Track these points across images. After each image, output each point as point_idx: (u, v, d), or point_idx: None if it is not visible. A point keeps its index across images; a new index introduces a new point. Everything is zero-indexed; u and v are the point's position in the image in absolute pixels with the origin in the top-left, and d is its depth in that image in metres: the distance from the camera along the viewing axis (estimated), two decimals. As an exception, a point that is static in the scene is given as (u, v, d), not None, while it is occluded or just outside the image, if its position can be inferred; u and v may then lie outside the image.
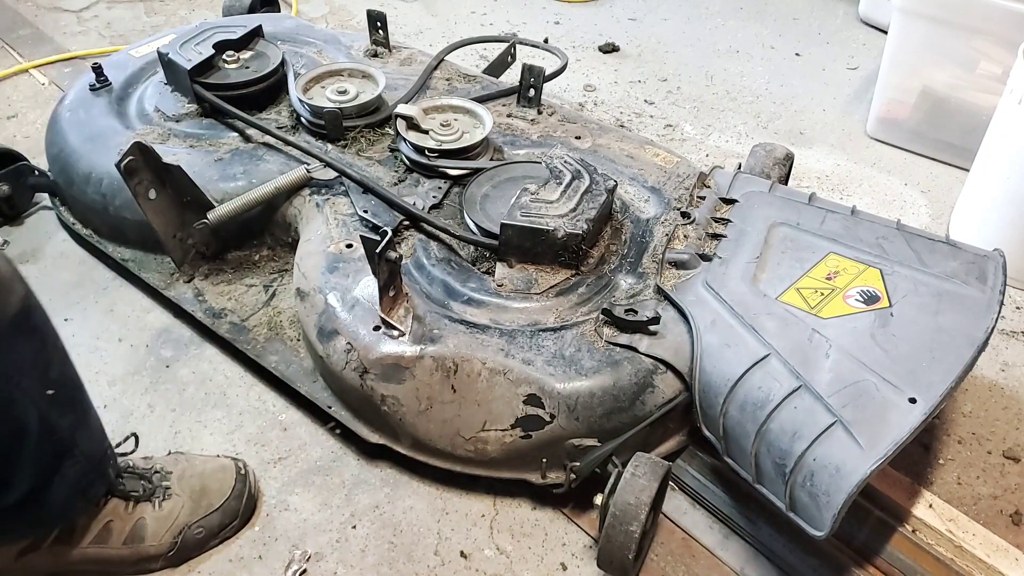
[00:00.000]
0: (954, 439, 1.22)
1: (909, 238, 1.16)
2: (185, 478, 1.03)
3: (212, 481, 1.05)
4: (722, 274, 1.12)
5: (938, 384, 0.93)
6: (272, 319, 1.28)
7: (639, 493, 0.95)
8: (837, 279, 1.09)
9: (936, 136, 1.83)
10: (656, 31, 2.39)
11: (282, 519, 1.09)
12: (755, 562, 1.04)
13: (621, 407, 1.04)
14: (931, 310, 1.04)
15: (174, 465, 1.05)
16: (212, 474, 1.05)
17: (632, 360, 1.05)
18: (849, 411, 0.91)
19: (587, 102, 2.03)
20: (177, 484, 1.03)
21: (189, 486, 1.03)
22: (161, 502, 1.00)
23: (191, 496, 1.02)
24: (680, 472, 1.12)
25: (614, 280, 1.17)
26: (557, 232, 1.13)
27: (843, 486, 0.86)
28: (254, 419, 1.21)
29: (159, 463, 1.05)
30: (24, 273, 0.84)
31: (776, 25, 2.44)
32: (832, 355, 0.98)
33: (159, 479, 1.02)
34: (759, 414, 0.96)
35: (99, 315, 1.38)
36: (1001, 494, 1.14)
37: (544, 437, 1.04)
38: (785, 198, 1.25)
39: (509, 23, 2.40)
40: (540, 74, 1.50)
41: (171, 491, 1.02)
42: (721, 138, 1.92)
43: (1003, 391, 1.30)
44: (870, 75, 2.08)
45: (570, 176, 1.21)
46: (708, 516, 1.09)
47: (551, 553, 1.06)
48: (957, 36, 1.67)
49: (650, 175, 1.36)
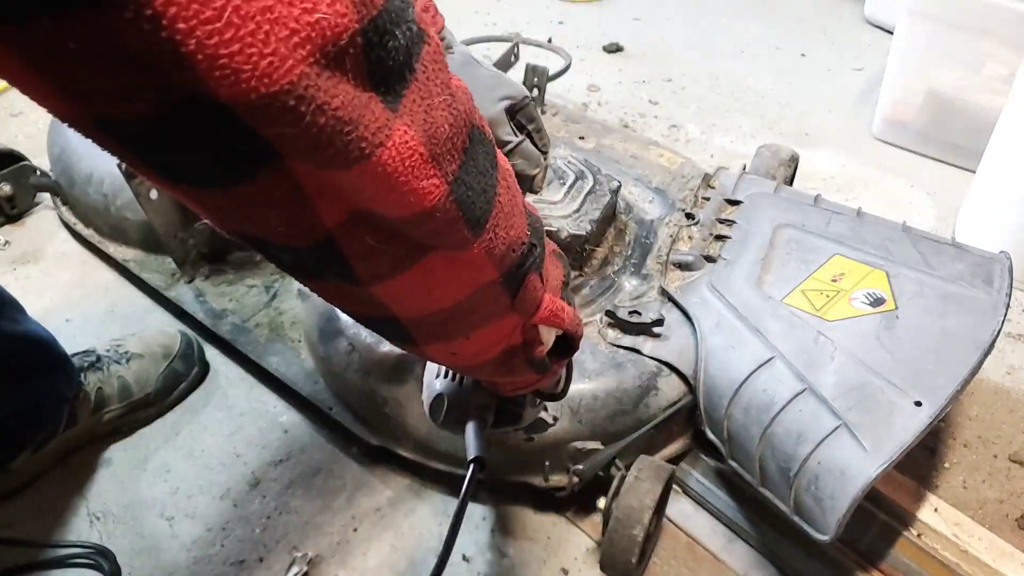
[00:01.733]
0: (960, 442, 1.21)
1: (915, 240, 1.15)
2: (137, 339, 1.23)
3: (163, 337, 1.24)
4: (727, 276, 1.11)
5: (944, 387, 0.92)
6: (273, 320, 1.27)
7: (642, 497, 0.94)
8: (843, 281, 1.08)
9: (942, 138, 1.82)
10: (661, 31, 2.38)
11: (283, 521, 1.08)
12: (759, 566, 1.03)
13: (624, 410, 1.03)
14: (937, 312, 1.03)
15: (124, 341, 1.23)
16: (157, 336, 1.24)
17: (636, 362, 1.05)
18: (854, 414, 0.90)
19: (591, 102, 2.02)
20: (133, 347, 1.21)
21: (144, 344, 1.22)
22: (128, 361, 1.19)
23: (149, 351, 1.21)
24: (684, 475, 1.11)
25: (618, 282, 1.16)
26: (560, 233, 1.12)
27: (848, 489, 0.85)
28: (255, 421, 1.21)
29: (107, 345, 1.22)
30: (25, 273, 0.83)
31: (781, 26, 2.43)
32: (837, 358, 0.97)
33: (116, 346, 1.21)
34: (764, 417, 0.95)
35: (100, 315, 1.37)
36: (1007, 498, 1.14)
37: (547, 440, 1.03)
38: (790, 199, 1.24)
39: (513, 23, 2.39)
40: (544, 74, 1.49)
41: (130, 352, 1.20)
42: (726, 139, 1.91)
43: (1009, 394, 1.30)
44: (876, 76, 2.07)
45: (574, 176, 1.21)
46: (712, 520, 1.08)
47: (553, 557, 1.05)
48: (964, 37, 1.66)
49: (654, 176, 1.35)
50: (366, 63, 0.39)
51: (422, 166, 0.44)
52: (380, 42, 0.39)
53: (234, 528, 1.07)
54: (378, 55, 0.39)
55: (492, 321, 0.59)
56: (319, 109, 0.36)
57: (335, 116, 0.37)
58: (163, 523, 1.08)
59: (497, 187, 0.52)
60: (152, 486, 1.12)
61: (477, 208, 0.50)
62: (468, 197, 0.48)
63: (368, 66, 0.39)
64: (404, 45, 0.41)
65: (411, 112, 0.42)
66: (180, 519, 1.08)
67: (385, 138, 0.41)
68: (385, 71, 0.40)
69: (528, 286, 0.59)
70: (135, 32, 0.30)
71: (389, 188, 0.43)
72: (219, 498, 1.11)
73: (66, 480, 1.12)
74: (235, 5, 0.32)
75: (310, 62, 0.35)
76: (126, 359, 1.19)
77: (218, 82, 0.33)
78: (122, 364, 1.18)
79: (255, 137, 0.36)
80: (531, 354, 0.66)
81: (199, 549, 1.05)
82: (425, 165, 0.44)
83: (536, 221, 0.60)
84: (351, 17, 0.37)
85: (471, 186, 0.49)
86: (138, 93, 0.33)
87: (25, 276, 1.43)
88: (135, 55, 0.31)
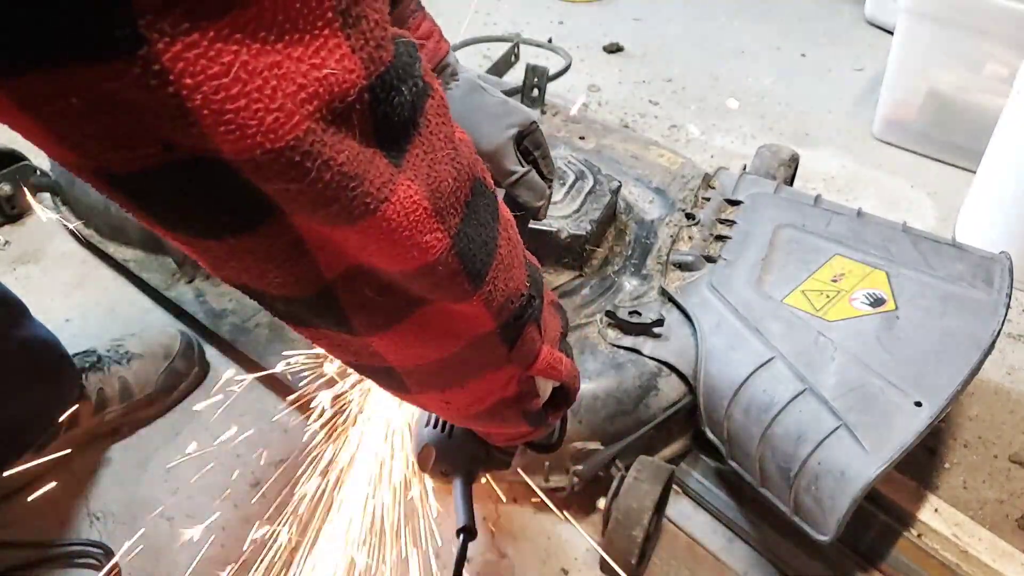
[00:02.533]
0: (960, 443, 1.21)
1: (915, 240, 1.15)
2: (138, 339, 1.23)
3: (163, 337, 1.25)
4: (727, 276, 1.11)
5: (944, 388, 0.92)
6: (273, 320, 1.25)
7: (642, 498, 0.94)
8: (843, 281, 1.08)
9: (942, 138, 1.82)
10: (661, 31, 2.38)
11: (283, 521, 1.08)
12: (759, 566, 1.03)
13: (625, 410, 1.03)
14: (937, 313, 1.03)
15: (124, 341, 1.24)
16: (157, 336, 1.24)
17: (636, 362, 1.05)
18: (854, 414, 0.90)
19: (591, 102, 2.02)
20: (134, 347, 1.22)
21: (144, 344, 1.22)
22: (129, 361, 1.19)
23: (150, 351, 1.22)
24: (684, 476, 1.11)
25: (618, 282, 1.16)
26: (561, 233, 1.12)
27: (848, 490, 0.85)
28: (255, 421, 1.21)
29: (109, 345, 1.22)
30: (26, 273, 0.83)
31: (782, 26, 2.43)
32: (837, 358, 0.97)
33: (116, 346, 1.21)
34: (764, 417, 0.95)
35: (100, 315, 1.37)
36: (1007, 498, 1.14)
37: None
38: (790, 200, 1.24)
39: (513, 23, 2.39)
40: (544, 74, 1.49)
41: (131, 353, 1.20)
42: (726, 139, 1.91)
43: (1009, 395, 1.29)
44: (876, 76, 2.07)
45: (574, 177, 1.20)
46: (712, 520, 1.08)
47: (553, 557, 1.05)
48: (964, 37, 1.66)
49: (655, 176, 1.35)
50: (372, 119, 0.38)
51: (426, 220, 0.43)
52: (387, 98, 0.39)
53: (234, 528, 1.07)
54: (384, 111, 0.39)
55: (488, 371, 0.59)
56: (325, 165, 0.36)
57: (340, 172, 0.37)
58: (163, 523, 1.08)
59: (498, 239, 0.52)
60: (152, 486, 1.13)
61: (478, 261, 0.49)
62: (470, 250, 0.48)
63: (375, 121, 0.38)
64: (410, 101, 0.41)
65: (415, 166, 0.42)
66: (180, 519, 1.08)
67: (390, 193, 0.40)
68: (391, 126, 0.40)
69: (526, 337, 0.58)
70: (141, 87, 0.30)
71: (393, 243, 0.42)
72: (219, 498, 1.11)
73: (66, 480, 1.12)
74: (243, 60, 0.32)
75: (316, 118, 0.35)
76: (127, 359, 1.19)
77: (223, 137, 0.32)
78: (123, 364, 1.18)
79: (258, 192, 0.36)
80: (526, 406, 0.65)
81: (199, 549, 1.05)
82: (429, 219, 0.43)
83: (536, 272, 0.60)
84: (359, 73, 0.36)
85: (473, 239, 0.48)
86: (140, 146, 0.33)
87: (25, 276, 1.43)
88: (139, 110, 0.31)
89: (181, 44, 0.30)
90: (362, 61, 0.36)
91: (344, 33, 0.35)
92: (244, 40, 0.32)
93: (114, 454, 1.16)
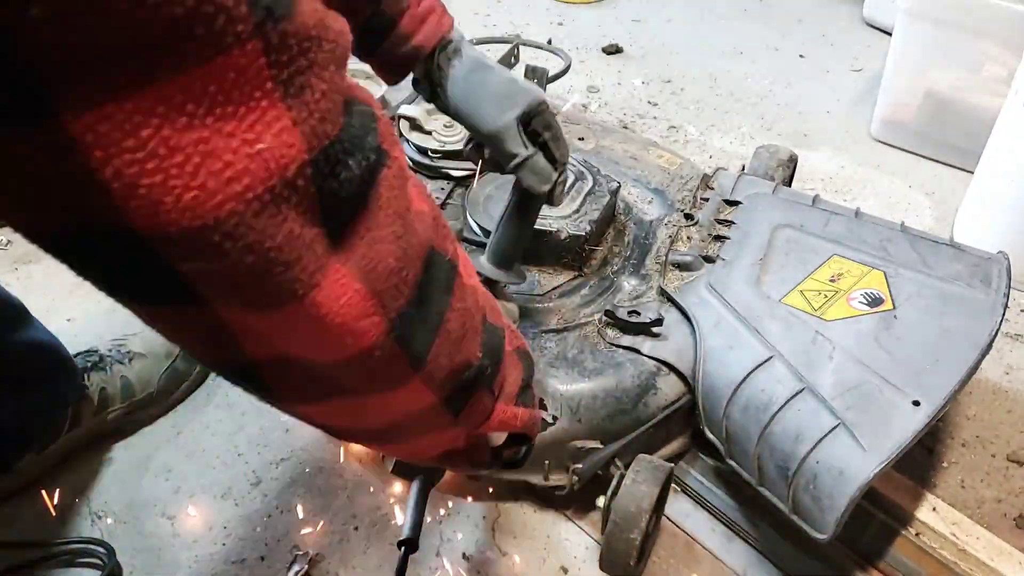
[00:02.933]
0: (958, 442, 1.22)
1: (913, 240, 1.15)
2: (140, 339, 1.22)
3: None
4: (725, 276, 1.12)
5: (942, 387, 0.93)
6: (274, 320, 1.28)
7: (640, 500, 0.94)
8: (841, 281, 1.09)
9: (941, 138, 1.82)
10: (660, 32, 2.38)
11: (284, 520, 1.09)
12: (758, 565, 1.04)
13: (624, 409, 1.03)
14: (935, 313, 1.03)
15: (126, 341, 1.23)
16: (159, 336, 1.19)
17: (635, 362, 1.05)
18: (852, 414, 0.91)
19: (591, 103, 2.02)
20: (135, 347, 1.21)
21: (146, 343, 1.22)
22: (131, 360, 1.19)
23: (152, 351, 1.21)
24: (683, 474, 1.12)
25: (617, 282, 1.16)
26: (560, 233, 1.12)
27: (846, 489, 0.86)
28: (256, 420, 1.21)
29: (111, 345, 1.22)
30: (27, 272, 0.84)
31: (780, 27, 2.43)
32: (836, 357, 0.98)
33: (118, 345, 1.20)
34: (762, 416, 0.95)
35: (101, 316, 1.37)
36: (1005, 497, 1.14)
37: (546, 438, 1.03)
38: (789, 200, 1.25)
39: (512, 24, 2.40)
40: (543, 75, 1.49)
41: (133, 352, 1.20)
42: (725, 139, 1.92)
43: (1007, 394, 1.30)
44: (874, 77, 2.08)
45: (573, 177, 1.21)
46: (711, 519, 1.09)
47: (553, 555, 1.06)
48: (962, 38, 1.66)
49: (653, 177, 1.35)
50: (315, 195, 0.36)
51: (360, 304, 0.40)
52: (331, 172, 0.36)
53: (235, 527, 1.08)
54: (330, 187, 0.37)
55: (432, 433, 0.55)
56: (247, 248, 0.34)
57: (266, 256, 0.35)
58: (165, 522, 1.08)
59: (446, 313, 0.48)
60: (154, 485, 1.13)
61: (419, 341, 0.46)
62: (411, 332, 0.45)
63: (319, 198, 0.36)
64: (359, 175, 0.38)
65: (353, 246, 0.39)
66: (182, 518, 1.09)
67: (322, 277, 0.38)
68: (336, 203, 0.38)
69: (475, 405, 0.54)
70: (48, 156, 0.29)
71: (323, 330, 0.40)
72: (221, 497, 1.11)
73: (68, 479, 1.12)
74: (164, 135, 0.30)
75: (247, 198, 0.33)
76: (128, 358, 1.19)
77: (134, 212, 0.31)
78: (125, 364, 1.18)
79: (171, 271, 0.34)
80: (474, 458, 0.62)
81: (200, 548, 1.06)
82: (364, 303, 0.40)
83: (494, 336, 0.55)
84: (299, 147, 0.34)
85: (415, 320, 0.45)
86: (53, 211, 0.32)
87: (27, 275, 1.43)
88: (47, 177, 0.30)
89: (92, 116, 0.29)
90: (303, 135, 0.34)
91: (285, 104, 0.33)
92: (167, 114, 0.30)
93: (116, 453, 1.17)
